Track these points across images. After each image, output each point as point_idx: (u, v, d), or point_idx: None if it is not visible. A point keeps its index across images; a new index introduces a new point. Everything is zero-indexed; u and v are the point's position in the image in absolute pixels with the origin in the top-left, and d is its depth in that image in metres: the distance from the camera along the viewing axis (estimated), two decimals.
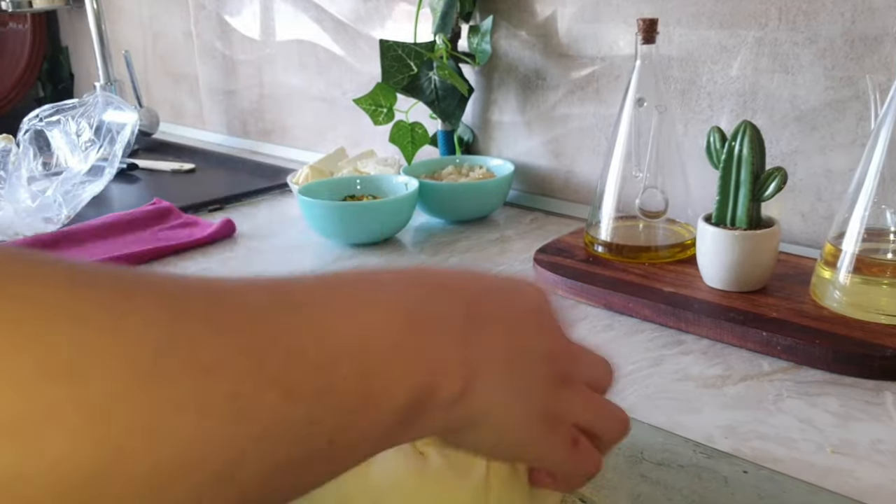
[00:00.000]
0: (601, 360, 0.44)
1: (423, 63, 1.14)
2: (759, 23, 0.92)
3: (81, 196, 1.15)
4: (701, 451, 0.57)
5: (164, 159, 1.52)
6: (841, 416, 0.62)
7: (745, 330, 0.73)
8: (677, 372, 0.70)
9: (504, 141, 1.21)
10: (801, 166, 0.92)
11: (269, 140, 1.60)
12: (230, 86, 1.65)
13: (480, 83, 1.21)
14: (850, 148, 0.88)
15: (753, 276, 0.79)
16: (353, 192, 1.10)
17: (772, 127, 0.93)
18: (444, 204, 1.10)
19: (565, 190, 1.16)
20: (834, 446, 0.59)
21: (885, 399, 0.64)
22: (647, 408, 0.64)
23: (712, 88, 0.97)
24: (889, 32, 0.83)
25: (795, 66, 0.90)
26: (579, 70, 1.09)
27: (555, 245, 0.95)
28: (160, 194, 1.21)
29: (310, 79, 1.48)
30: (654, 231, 0.90)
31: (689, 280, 0.83)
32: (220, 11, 1.61)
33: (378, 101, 1.18)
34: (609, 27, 1.05)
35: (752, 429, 0.61)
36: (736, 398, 0.65)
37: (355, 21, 1.36)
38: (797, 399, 0.65)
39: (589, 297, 0.83)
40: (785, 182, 0.76)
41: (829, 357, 0.68)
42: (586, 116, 1.10)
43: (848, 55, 0.86)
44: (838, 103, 0.88)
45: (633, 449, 0.57)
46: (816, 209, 0.92)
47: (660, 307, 0.78)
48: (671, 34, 0.98)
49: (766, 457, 0.57)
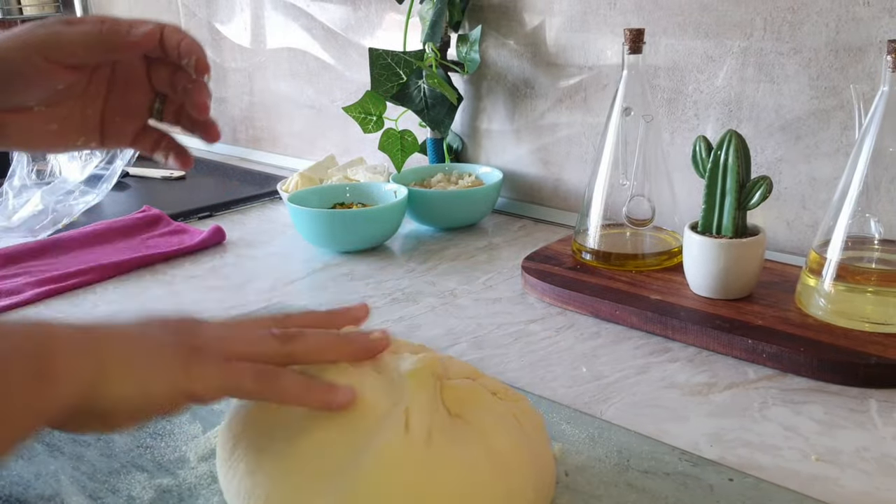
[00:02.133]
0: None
1: (412, 71, 1.15)
2: (744, 33, 0.92)
3: (74, 208, 1.15)
4: (687, 459, 0.57)
5: (154, 166, 1.52)
6: (826, 424, 0.63)
7: (730, 338, 0.73)
8: (664, 379, 0.70)
9: (493, 149, 1.22)
10: (786, 175, 0.93)
11: (259, 147, 1.61)
12: (220, 93, 1.65)
13: (469, 92, 1.22)
14: (834, 157, 0.89)
15: (739, 283, 0.79)
16: (342, 199, 1.10)
17: (757, 136, 0.93)
18: (433, 211, 1.11)
19: (553, 198, 1.16)
20: (819, 454, 0.59)
21: (870, 406, 0.65)
22: (634, 416, 0.65)
23: (698, 98, 0.98)
24: (873, 42, 0.84)
25: (780, 76, 0.91)
26: (567, 79, 1.10)
27: (543, 252, 0.95)
28: (150, 202, 1.21)
29: (300, 87, 1.48)
30: (641, 239, 0.91)
31: (676, 288, 0.83)
32: (210, 19, 1.61)
33: (368, 109, 1.18)
34: (596, 37, 1.06)
35: (738, 436, 0.61)
36: (722, 406, 0.66)
37: (345, 29, 1.37)
38: (782, 407, 0.65)
39: (576, 305, 0.84)
40: (770, 191, 0.77)
41: (814, 365, 0.69)
42: (574, 125, 1.11)
43: (832, 65, 0.87)
44: (823, 112, 0.89)
45: (620, 457, 0.58)
46: (801, 217, 0.93)
47: (647, 315, 0.78)
48: (658, 44, 0.99)
49: (752, 464, 0.58)
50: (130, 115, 0.64)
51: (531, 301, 0.88)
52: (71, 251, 1.04)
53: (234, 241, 1.11)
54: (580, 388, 0.69)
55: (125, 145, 0.66)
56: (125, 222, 1.12)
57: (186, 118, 0.65)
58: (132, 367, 0.45)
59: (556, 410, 0.64)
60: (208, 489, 0.56)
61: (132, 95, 0.64)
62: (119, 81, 0.63)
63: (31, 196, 1.15)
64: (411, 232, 1.12)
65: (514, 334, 0.80)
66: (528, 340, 0.79)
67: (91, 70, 0.62)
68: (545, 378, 0.71)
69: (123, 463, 0.59)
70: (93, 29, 0.58)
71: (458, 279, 0.95)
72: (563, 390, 0.69)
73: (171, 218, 1.16)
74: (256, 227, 1.18)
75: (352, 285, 0.94)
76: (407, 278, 0.95)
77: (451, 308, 0.87)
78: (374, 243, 1.05)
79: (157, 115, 0.65)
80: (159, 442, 0.61)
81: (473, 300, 0.89)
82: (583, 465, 0.57)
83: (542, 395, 0.67)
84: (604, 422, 0.63)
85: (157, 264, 1.02)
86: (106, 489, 0.56)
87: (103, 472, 0.58)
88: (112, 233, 1.10)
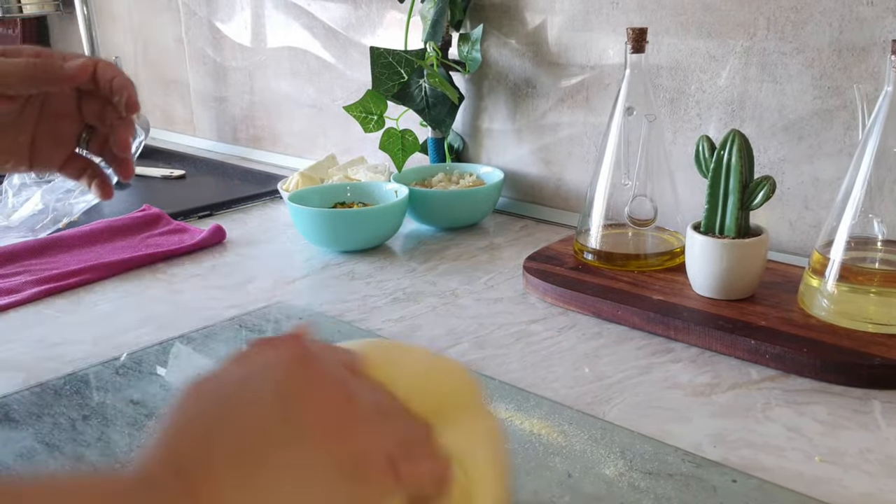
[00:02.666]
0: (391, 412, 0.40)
1: (413, 71, 1.14)
2: (747, 32, 0.92)
3: (74, 208, 1.14)
4: (690, 461, 0.57)
5: (155, 165, 1.52)
6: (829, 425, 0.63)
7: (733, 338, 0.73)
8: (666, 380, 0.70)
9: (494, 148, 1.22)
10: (788, 175, 0.92)
11: (259, 147, 1.60)
12: (221, 92, 1.64)
13: (470, 91, 1.21)
14: (837, 157, 0.89)
15: (742, 284, 0.79)
16: (343, 199, 1.09)
17: (760, 136, 0.93)
18: (434, 211, 1.10)
19: (555, 198, 1.16)
20: (822, 455, 0.59)
21: (873, 407, 0.65)
22: (637, 416, 0.64)
23: (701, 97, 0.97)
24: (876, 42, 0.84)
25: (783, 76, 0.91)
26: (569, 78, 1.10)
27: (544, 252, 0.95)
28: (150, 200, 1.21)
29: (301, 86, 1.48)
30: (643, 239, 0.91)
31: (678, 288, 0.83)
32: (211, 18, 1.61)
33: (368, 108, 1.18)
34: (599, 36, 1.05)
35: (741, 437, 0.61)
36: (725, 407, 0.66)
37: (346, 28, 1.36)
38: (785, 407, 0.65)
39: (578, 305, 0.83)
40: (773, 191, 0.77)
41: (817, 365, 0.69)
42: (576, 124, 1.11)
43: (836, 65, 0.87)
44: (826, 113, 0.89)
45: (623, 458, 0.57)
46: (804, 217, 0.93)
47: (649, 315, 0.78)
48: (660, 43, 0.99)
49: (755, 465, 0.57)
50: (59, 142, 0.67)
51: (533, 301, 0.87)
52: (71, 250, 1.04)
53: (234, 240, 1.11)
54: (582, 389, 0.69)
55: (53, 170, 0.69)
56: (125, 221, 1.12)
57: (109, 152, 0.67)
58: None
59: (559, 411, 0.64)
60: None
61: (62, 125, 0.66)
62: (51, 111, 0.66)
63: (30, 195, 1.15)
64: (412, 232, 1.12)
65: (515, 334, 0.80)
66: (529, 341, 0.78)
67: (24, 99, 0.63)
68: (547, 378, 0.71)
69: (123, 464, 0.59)
70: (28, 62, 0.60)
71: (460, 279, 0.94)
72: (566, 391, 0.69)
73: (172, 217, 1.16)
74: (257, 226, 1.17)
75: (352, 285, 0.94)
76: (408, 278, 0.95)
77: (453, 308, 0.86)
78: (375, 243, 1.05)
79: (84, 144, 0.68)
80: None
81: (475, 300, 0.88)
82: (585, 466, 0.57)
83: (543, 396, 0.67)
84: (606, 423, 0.62)
85: (157, 263, 1.02)
86: None
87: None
88: (112, 232, 1.09)
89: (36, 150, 0.66)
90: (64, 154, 0.67)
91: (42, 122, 0.65)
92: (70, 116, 0.66)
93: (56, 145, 0.67)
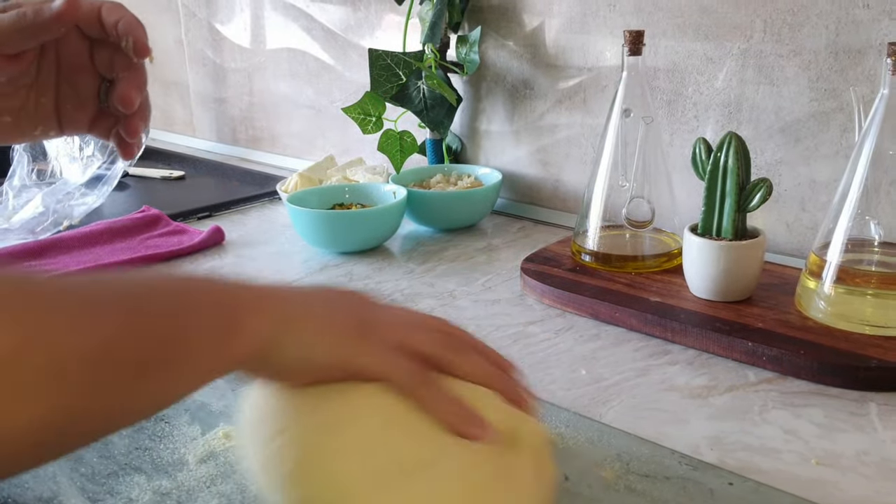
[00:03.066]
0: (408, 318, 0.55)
1: (411, 72, 1.15)
2: (744, 35, 0.92)
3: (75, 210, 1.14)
4: (687, 463, 0.57)
5: (154, 166, 1.52)
6: (826, 428, 0.63)
7: (730, 340, 0.73)
8: (663, 382, 0.70)
9: (492, 150, 1.22)
10: (785, 177, 0.93)
11: (258, 148, 1.60)
12: (220, 93, 1.65)
13: (469, 93, 1.21)
14: (834, 159, 0.89)
15: (739, 286, 0.79)
16: (341, 200, 1.10)
17: (757, 138, 0.93)
18: (433, 212, 1.11)
19: (553, 199, 1.16)
20: (819, 458, 0.59)
21: (870, 410, 0.65)
22: (634, 419, 0.65)
23: (698, 99, 0.98)
24: (873, 45, 0.84)
25: (780, 78, 0.91)
26: (566, 80, 1.10)
27: (542, 254, 0.95)
28: (149, 202, 1.21)
29: (299, 87, 1.48)
30: (640, 240, 0.91)
31: (676, 290, 0.83)
32: (210, 20, 1.61)
33: (367, 109, 1.18)
34: (596, 38, 1.06)
35: (738, 440, 0.61)
36: (722, 409, 0.66)
37: (345, 30, 1.36)
38: (782, 410, 0.65)
39: (575, 307, 0.84)
40: (770, 193, 0.77)
41: (814, 368, 0.69)
42: (573, 126, 1.11)
43: (832, 67, 0.87)
44: (822, 115, 0.89)
45: (620, 460, 0.58)
46: (801, 219, 0.93)
47: (646, 317, 0.78)
48: (657, 46, 0.99)
49: (752, 468, 0.58)
50: (82, 101, 0.64)
51: (530, 302, 0.88)
52: (70, 251, 1.04)
53: (233, 241, 1.11)
54: (579, 391, 0.69)
55: (83, 131, 0.66)
56: (124, 222, 1.12)
57: (116, 134, 0.65)
58: (304, 331, 0.47)
59: (555, 413, 0.64)
60: (207, 491, 0.55)
61: (81, 81, 0.63)
62: (65, 68, 0.63)
63: (31, 197, 1.15)
64: (410, 233, 1.12)
65: (512, 336, 0.80)
66: (526, 342, 0.79)
67: (37, 58, 0.61)
68: (544, 380, 0.71)
69: (122, 465, 0.59)
70: (17, 12, 0.57)
71: (457, 280, 0.95)
72: (562, 393, 0.69)
73: (171, 218, 1.16)
74: (256, 227, 1.17)
75: (351, 286, 0.94)
76: (406, 279, 0.95)
77: (450, 309, 0.87)
78: (373, 244, 1.05)
79: (104, 97, 0.64)
80: (158, 444, 0.61)
81: (472, 301, 0.89)
82: (582, 468, 0.57)
83: (540, 398, 0.67)
84: (603, 425, 0.63)
85: (157, 264, 1.02)
86: (104, 491, 0.56)
87: (102, 474, 0.58)
88: (111, 233, 1.09)
89: (62, 112, 0.64)
90: (90, 113, 0.65)
91: (62, 82, 0.63)
92: (86, 70, 0.63)
93: (80, 105, 0.64)
